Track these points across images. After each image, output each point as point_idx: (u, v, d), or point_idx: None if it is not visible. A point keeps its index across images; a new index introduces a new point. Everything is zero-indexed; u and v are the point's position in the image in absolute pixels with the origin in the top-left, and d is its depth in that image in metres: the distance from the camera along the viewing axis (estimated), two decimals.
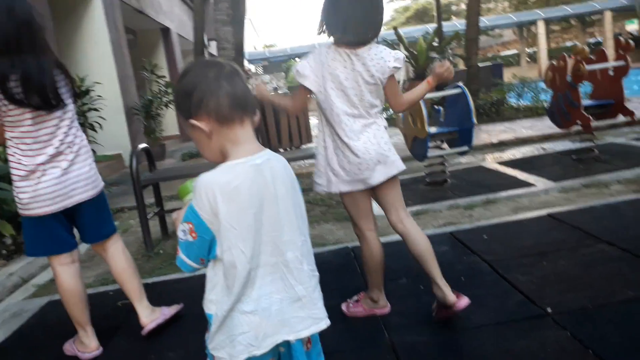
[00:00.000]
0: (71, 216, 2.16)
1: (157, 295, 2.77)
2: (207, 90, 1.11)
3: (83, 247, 4.13)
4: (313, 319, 1.18)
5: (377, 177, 2.06)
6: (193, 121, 1.12)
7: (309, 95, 2.11)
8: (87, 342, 2.25)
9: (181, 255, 1.15)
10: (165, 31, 13.37)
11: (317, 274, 1.24)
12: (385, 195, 2.15)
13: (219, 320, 1.13)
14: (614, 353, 1.72)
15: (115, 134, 8.65)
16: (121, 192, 6.28)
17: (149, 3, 11.75)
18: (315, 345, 1.27)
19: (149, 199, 4.31)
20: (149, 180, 3.91)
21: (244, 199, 1.10)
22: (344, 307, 2.31)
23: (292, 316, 1.16)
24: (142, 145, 4.02)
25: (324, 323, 1.21)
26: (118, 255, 2.33)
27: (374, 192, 2.14)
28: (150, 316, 2.35)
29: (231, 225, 1.09)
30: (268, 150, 1.19)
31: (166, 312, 2.42)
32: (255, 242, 1.12)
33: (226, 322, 1.13)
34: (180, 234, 1.13)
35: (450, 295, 2.01)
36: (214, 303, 1.16)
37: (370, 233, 2.19)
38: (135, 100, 9.75)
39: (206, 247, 1.13)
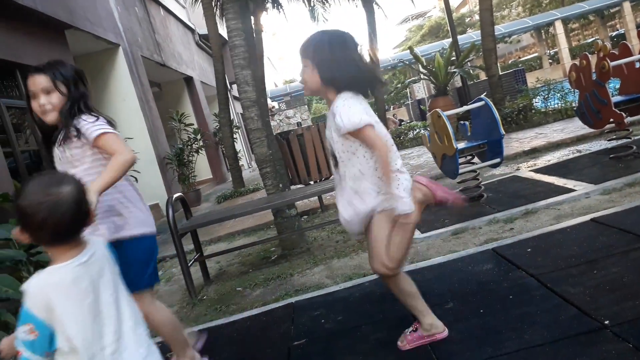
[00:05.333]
0: None
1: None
2: (33, 223, 1.26)
3: None
4: None
5: None
6: (17, 231, 1.30)
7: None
8: None
9: (25, 354, 1.27)
10: (189, 80, 13.82)
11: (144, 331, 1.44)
12: None
13: None
14: None
15: (151, 185, 8.90)
16: (161, 242, 6.39)
17: (170, 55, 12.20)
18: None
19: (189, 245, 4.39)
20: (186, 228, 3.98)
21: (75, 294, 1.28)
22: (400, 343, 2.20)
23: None
24: (177, 195, 4.11)
25: None
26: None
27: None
28: None
29: (68, 319, 1.26)
30: (92, 242, 1.38)
31: None
32: (94, 328, 1.30)
33: None
34: (22, 335, 1.27)
35: None
36: None
37: None
38: (166, 150, 10.04)
39: (47, 341, 1.28)
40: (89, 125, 2.08)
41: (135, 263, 2.21)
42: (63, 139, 2.13)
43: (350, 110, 1.95)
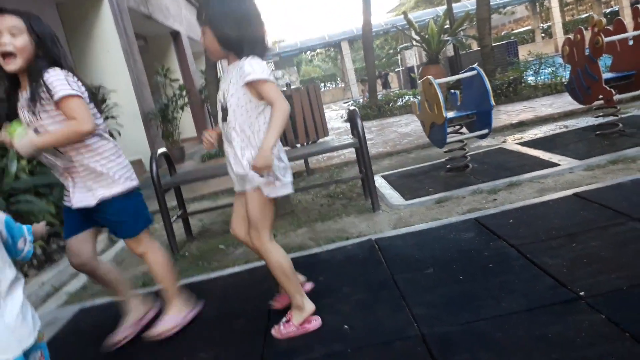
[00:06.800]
0: None
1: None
2: None
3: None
4: (22, 338, 1.41)
5: None
6: None
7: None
8: None
9: None
10: (175, 34, 13.44)
11: (19, 303, 1.47)
12: None
13: None
14: None
15: (134, 140, 8.75)
16: (144, 197, 6.34)
17: (157, 8, 11.81)
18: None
19: (172, 202, 4.35)
20: (170, 184, 3.94)
21: None
22: (273, 332, 2.19)
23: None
24: (161, 150, 4.04)
25: (30, 341, 1.44)
26: None
27: None
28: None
29: None
30: None
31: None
32: None
33: None
34: None
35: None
36: None
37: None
38: (150, 105, 9.83)
39: None
40: (57, 82, 1.96)
41: (125, 215, 2.28)
42: (31, 100, 2.01)
43: (261, 64, 1.96)
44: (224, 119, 2.07)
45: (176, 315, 2.44)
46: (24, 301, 1.56)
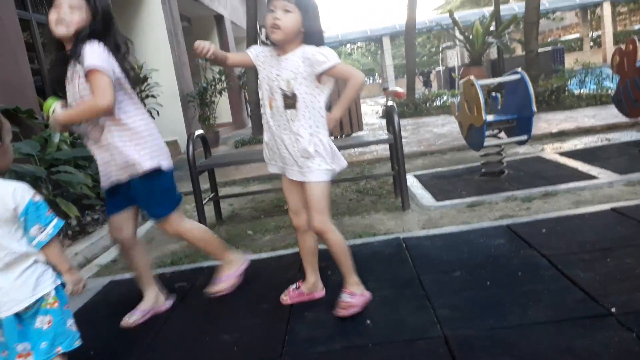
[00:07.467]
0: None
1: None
2: None
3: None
4: (15, 301, 1.57)
5: None
6: None
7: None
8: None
9: None
10: (219, 18, 13.59)
11: (21, 270, 1.61)
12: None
13: None
14: None
15: (171, 121, 8.92)
16: (177, 178, 6.45)
17: None
18: (58, 327, 1.67)
19: (204, 184, 4.43)
20: (205, 167, 4.01)
21: None
22: (341, 312, 2.20)
23: None
24: (199, 132, 4.12)
25: (23, 305, 1.58)
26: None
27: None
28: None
29: None
30: None
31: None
32: None
33: None
34: None
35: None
36: None
37: None
38: (190, 87, 9.99)
39: None
40: (90, 52, 2.00)
41: (154, 196, 2.30)
42: (73, 73, 2.10)
43: (329, 50, 2.06)
44: (291, 106, 2.11)
45: (231, 273, 2.60)
46: (30, 268, 1.64)
